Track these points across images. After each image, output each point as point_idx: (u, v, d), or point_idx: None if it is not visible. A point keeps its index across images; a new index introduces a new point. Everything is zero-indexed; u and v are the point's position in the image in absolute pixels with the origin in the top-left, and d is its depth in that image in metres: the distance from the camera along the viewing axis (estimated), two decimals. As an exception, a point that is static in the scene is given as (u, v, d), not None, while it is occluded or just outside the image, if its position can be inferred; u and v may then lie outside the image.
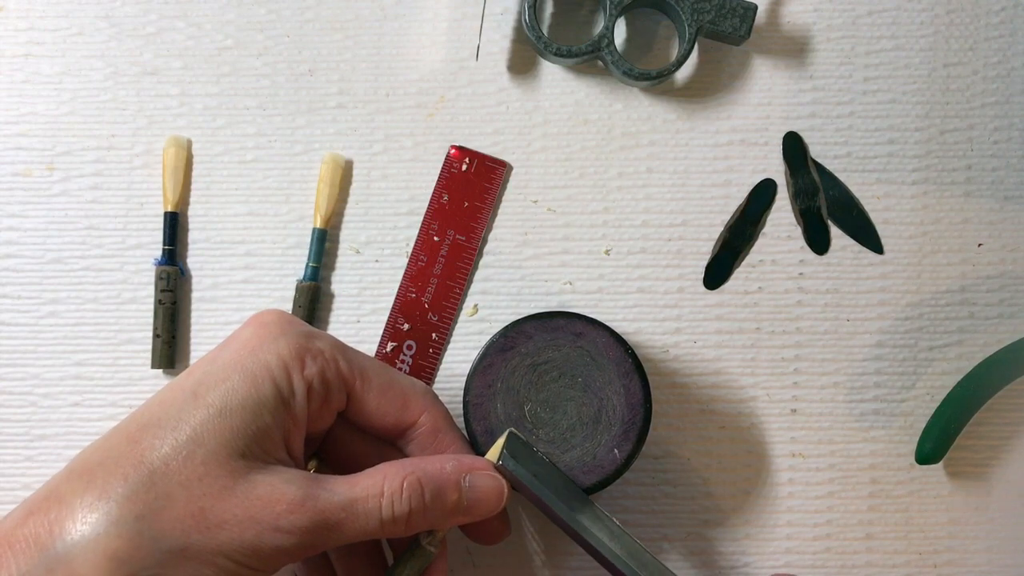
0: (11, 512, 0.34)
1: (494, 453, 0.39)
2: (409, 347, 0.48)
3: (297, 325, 0.38)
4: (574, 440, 0.42)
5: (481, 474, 0.38)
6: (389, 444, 0.41)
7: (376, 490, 0.36)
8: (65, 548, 0.32)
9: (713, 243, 0.49)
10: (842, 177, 0.49)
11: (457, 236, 0.49)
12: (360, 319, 0.49)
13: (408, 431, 0.40)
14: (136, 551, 0.32)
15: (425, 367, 0.48)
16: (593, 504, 0.40)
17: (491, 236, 0.49)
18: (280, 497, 0.34)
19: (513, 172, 0.49)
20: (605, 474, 0.41)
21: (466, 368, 0.43)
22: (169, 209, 0.48)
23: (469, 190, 0.49)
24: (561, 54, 0.47)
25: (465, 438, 0.41)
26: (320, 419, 0.38)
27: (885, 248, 0.49)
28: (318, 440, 0.40)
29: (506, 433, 0.40)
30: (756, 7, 0.47)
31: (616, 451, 0.41)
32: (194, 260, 0.49)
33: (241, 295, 0.49)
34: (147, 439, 0.34)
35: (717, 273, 0.49)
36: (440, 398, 0.41)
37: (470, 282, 0.49)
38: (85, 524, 0.32)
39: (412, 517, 0.36)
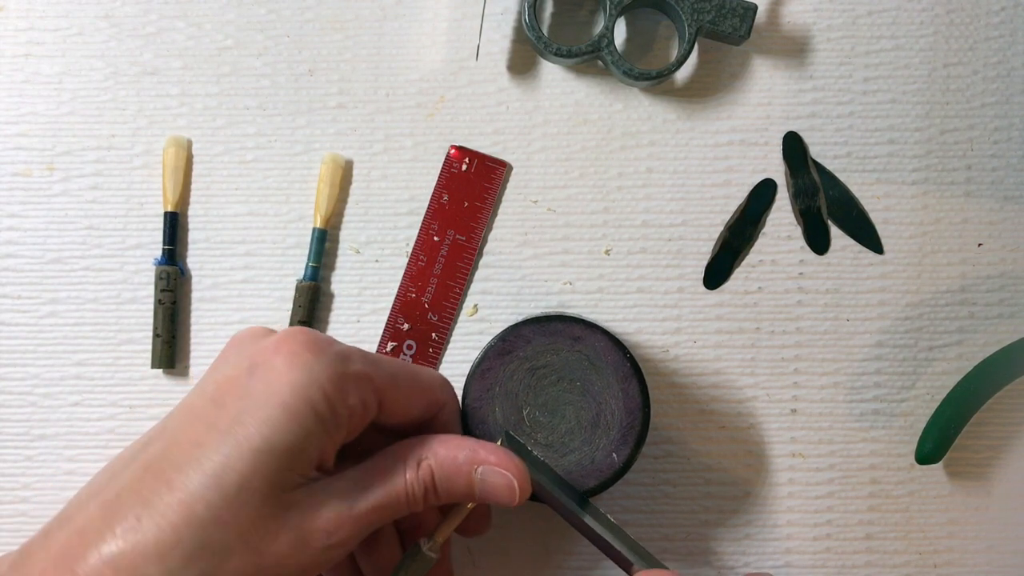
0: (30, 551, 0.33)
1: None
2: (409, 347, 0.48)
3: (328, 348, 0.36)
4: (572, 444, 0.42)
5: (491, 470, 0.37)
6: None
7: (401, 485, 0.36)
8: None
9: (713, 243, 0.49)
10: (842, 177, 0.49)
11: (457, 236, 0.49)
12: (360, 319, 0.49)
13: (425, 425, 0.40)
14: None
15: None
16: (589, 501, 0.40)
17: (491, 236, 0.49)
18: (325, 521, 0.34)
19: (513, 172, 0.49)
20: (603, 478, 0.41)
21: (466, 368, 0.43)
22: (169, 209, 0.48)
23: (469, 190, 0.49)
24: (561, 54, 0.47)
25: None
26: (355, 431, 0.37)
27: (885, 248, 0.49)
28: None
29: (502, 434, 0.40)
30: (756, 7, 0.47)
31: (615, 455, 0.41)
32: (194, 260, 0.49)
33: (241, 295, 0.49)
34: (188, 485, 0.32)
35: (717, 273, 0.49)
36: None
37: (470, 282, 0.49)
38: None
39: (427, 500, 0.37)
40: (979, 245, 0.49)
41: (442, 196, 0.49)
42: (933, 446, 0.47)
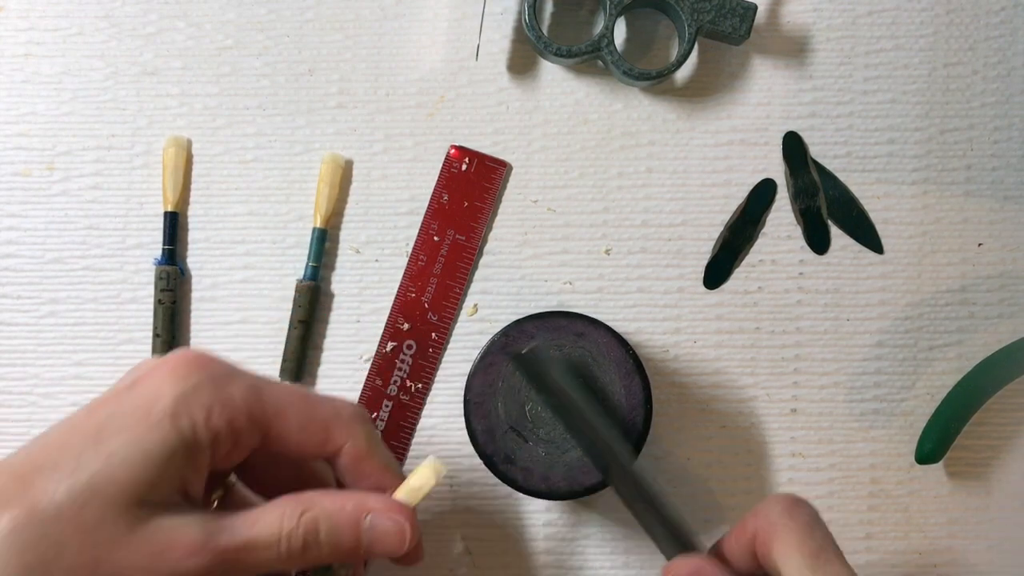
0: None
1: (416, 485, 0.38)
2: (409, 347, 0.48)
3: (211, 368, 0.36)
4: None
5: (382, 515, 0.37)
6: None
7: (274, 528, 0.35)
8: None
9: (713, 243, 0.49)
10: (842, 177, 0.49)
11: (457, 236, 0.49)
12: (360, 319, 0.49)
13: (332, 458, 0.38)
14: None
15: (425, 367, 0.48)
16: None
17: (491, 236, 0.49)
18: (179, 542, 0.33)
19: (513, 172, 0.49)
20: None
21: (466, 368, 0.43)
22: (169, 209, 0.48)
23: (469, 190, 0.49)
24: (561, 54, 0.47)
25: (391, 462, 0.40)
26: (229, 459, 0.37)
27: (885, 248, 0.49)
28: (230, 469, 0.39)
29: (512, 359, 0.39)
30: (756, 7, 0.47)
31: (616, 451, 0.41)
32: (194, 260, 0.49)
33: (241, 295, 0.49)
34: (40, 482, 0.32)
35: (717, 273, 0.49)
36: (372, 417, 0.40)
37: (470, 282, 0.49)
38: None
39: (308, 555, 0.35)
40: (979, 245, 0.49)
41: (442, 196, 0.49)
42: (933, 446, 0.47)
